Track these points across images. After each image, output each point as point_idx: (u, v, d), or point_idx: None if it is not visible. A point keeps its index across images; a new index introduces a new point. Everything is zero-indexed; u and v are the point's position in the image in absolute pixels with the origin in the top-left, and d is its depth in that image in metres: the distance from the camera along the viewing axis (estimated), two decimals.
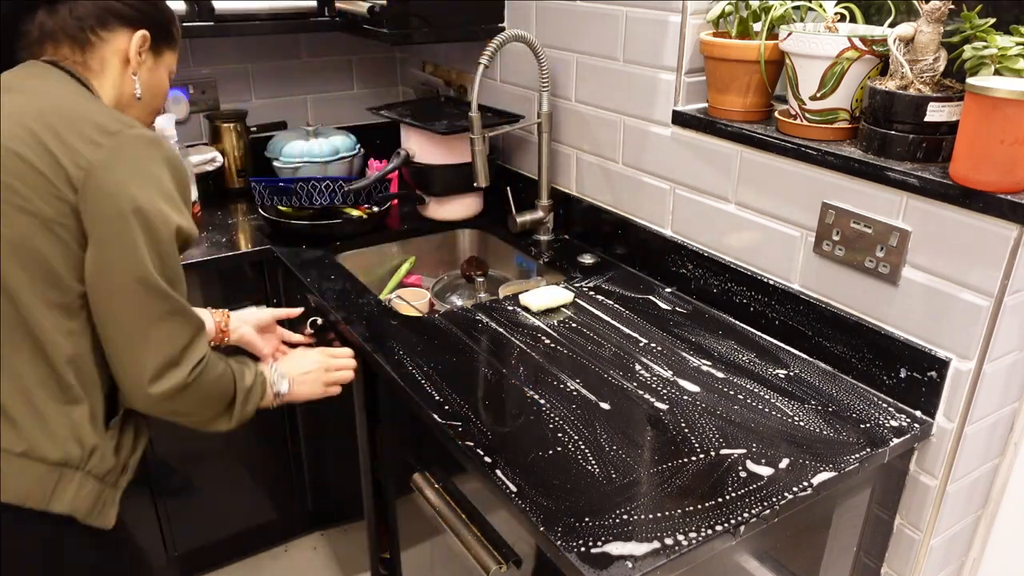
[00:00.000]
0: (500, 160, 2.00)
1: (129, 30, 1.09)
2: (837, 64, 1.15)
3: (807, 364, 1.28)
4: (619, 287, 1.55)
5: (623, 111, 1.57)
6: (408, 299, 1.65)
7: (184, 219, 1.05)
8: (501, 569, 1.06)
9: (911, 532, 1.19)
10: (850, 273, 1.21)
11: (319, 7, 1.91)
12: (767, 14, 1.25)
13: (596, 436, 1.08)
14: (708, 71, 1.36)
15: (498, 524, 1.09)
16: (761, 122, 1.33)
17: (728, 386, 1.21)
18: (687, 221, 1.49)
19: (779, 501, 0.96)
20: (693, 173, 1.44)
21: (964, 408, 1.10)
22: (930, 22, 1.06)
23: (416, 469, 1.29)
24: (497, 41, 1.55)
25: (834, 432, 1.10)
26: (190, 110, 2.08)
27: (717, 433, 1.09)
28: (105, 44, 1.08)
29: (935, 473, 1.14)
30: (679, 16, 1.38)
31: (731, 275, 1.40)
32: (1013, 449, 1.21)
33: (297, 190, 1.80)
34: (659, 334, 1.37)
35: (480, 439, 1.07)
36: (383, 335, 1.36)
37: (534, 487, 0.98)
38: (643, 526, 0.92)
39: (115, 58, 1.09)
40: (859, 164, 1.14)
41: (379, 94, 2.36)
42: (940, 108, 1.06)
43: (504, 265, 1.88)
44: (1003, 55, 1.00)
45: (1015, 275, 1.01)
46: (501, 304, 1.48)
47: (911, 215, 1.11)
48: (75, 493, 1.02)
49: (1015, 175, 0.98)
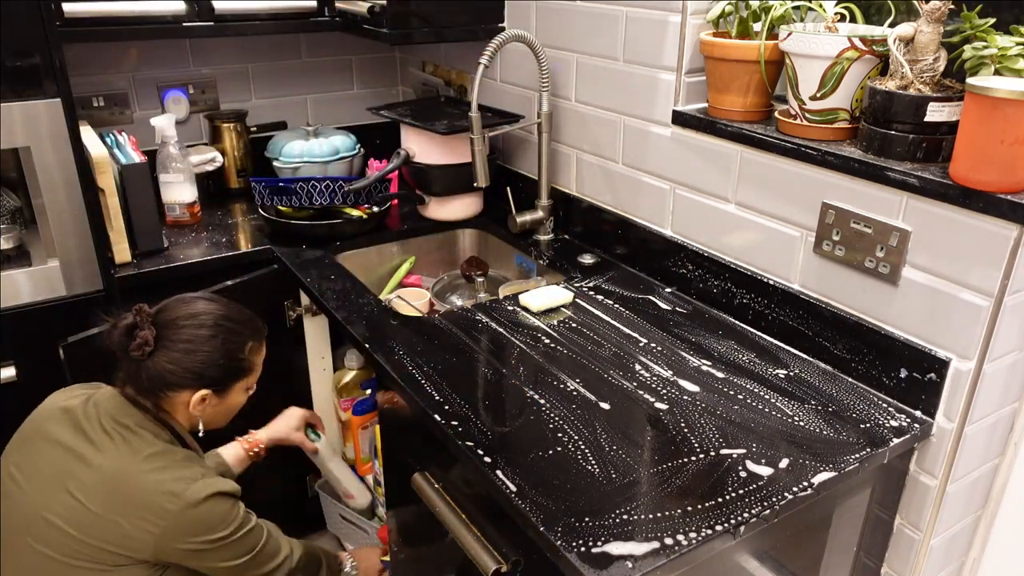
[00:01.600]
0: (500, 160, 2.00)
1: (188, 391, 1.22)
2: (837, 64, 1.15)
3: (807, 364, 1.28)
4: (619, 287, 1.55)
5: (623, 111, 1.57)
6: (408, 299, 1.65)
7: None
8: (501, 569, 1.06)
9: (911, 532, 1.19)
10: (850, 273, 1.21)
11: (319, 7, 1.91)
12: (767, 14, 1.25)
13: (596, 436, 1.08)
14: (708, 71, 1.36)
15: (498, 524, 1.09)
16: (761, 122, 1.33)
17: (728, 386, 1.21)
18: (687, 221, 1.49)
19: (779, 501, 0.96)
20: (693, 173, 1.44)
21: (964, 408, 1.10)
22: (930, 22, 1.06)
23: (416, 469, 1.29)
24: (497, 41, 1.54)
25: (834, 432, 1.10)
26: (190, 110, 2.08)
27: (717, 433, 1.09)
28: (172, 400, 1.23)
29: (935, 473, 1.14)
30: (679, 16, 1.38)
31: (731, 275, 1.40)
32: (1013, 449, 1.21)
33: (297, 190, 1.80)
34: (659, 334, 1.37)
35: (480, 439, 1.07)
36: (383, 335, 1.36)
37: (534, 487, 0.98)
38: (643, 526, 0.92)
39: (182, 407, 1.24)
40: (859, 164, 1.14)
41: (379, 94, 2.36)
42: (940, 108, 1.06)
43: (504, 265, 1.88)
44: (1003, 55, 1.00)
45: (1015, 275, 1.01)
46: (501, 304, 1.48)
47: (911, 215, 1.11)
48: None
49: (1015, 175, 0.98)
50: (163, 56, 2.00)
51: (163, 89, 2.02)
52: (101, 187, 1.54)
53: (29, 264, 1.54)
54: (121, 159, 1.61)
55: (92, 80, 1.92)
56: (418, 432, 1.28)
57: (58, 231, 1.51)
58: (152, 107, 2.02)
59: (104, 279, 1.58)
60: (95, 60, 1.91)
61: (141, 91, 2.00)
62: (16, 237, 1.61)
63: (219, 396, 1.26)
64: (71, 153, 1.48)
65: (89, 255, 1.55)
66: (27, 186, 1.49)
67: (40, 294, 1.54)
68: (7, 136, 1.42)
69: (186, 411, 1.24)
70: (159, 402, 1.22)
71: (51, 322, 1.55)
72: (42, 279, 1.53)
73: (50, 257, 1.54)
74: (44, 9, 1.40)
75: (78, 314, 1.57)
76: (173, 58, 2.02)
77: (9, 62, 1.39)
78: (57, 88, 1.44)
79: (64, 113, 1.45)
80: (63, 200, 1.50)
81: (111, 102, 1.96)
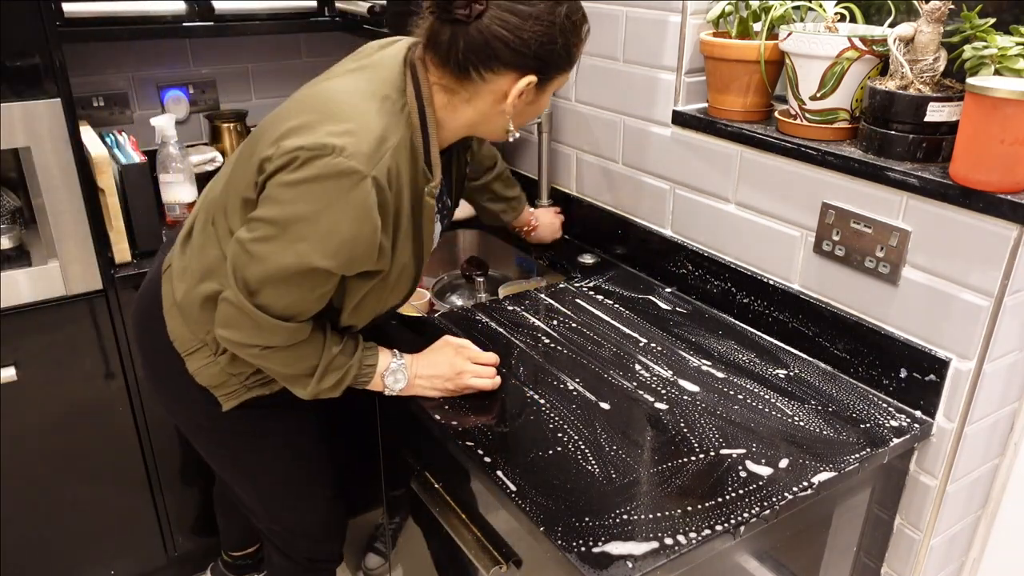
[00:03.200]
0: None
1: (516, 74, 1.00)
2: (837, 64, 1.15)
3: (807, 364, 1.28)
4: (619, 287, 1.55)
5: (623, 111, 1.57)
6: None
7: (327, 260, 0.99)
8: (501, 569, 1.06)
9: (911, 532, 1.19)
10: (850, 273, 1.21)
11: (319, 7, 1.91)
12: (767, 14, 1.25)
13: (596, 436, 1.08)
14: (708, 71, 1.36)
15: (498, 524, 1.09)
16: (761, 122, 1.33)
17: (728, 386, 1.21)
18: (687, 221, 1.49)
19: (779, 501, 0.96)
20: (693, 173, 1.44)
21: (964, 408, 1.10)
22: (930, 22, 1.06)
23: (416, 469, 1.29)
24: None
25: (834, 432, 1.10)
26: (190, 110, 2.08)
27: (717, 433, 1.09)
28: (485, 84, 1.01)
29: (935, 473, 1.14)
30: (679, 16, 1.38)
31: (731, 275, 1.40)
32: (1013, 449, 1.21)
33: None
34: (659, 334, 1.37)
35: (480, 439, 1.07)
36: (383, 335, 1.36)
37: (534, 487, 0.98)
38: (643, 526, 0.92)
39: (490, 96, 1.03)
40: (859, 164, 1.14)
41: None
42: (940, 108, 1.06)
43: (504, 265, 1.87)
44: (1003, 55, 0.99)
45: (1015, 275, 1.01)
46: (501, 304, 1.48)
47: (911, 215, 1.11)
48: (204, 367, 1.15)
49: (1015, 175, 0.98)
50: (163, 56, 2.00)
51: (163, 89, 2.02)
52: (101, 187, 1.54)
53: (29, 264, 1.54)
54: (121, 159, 1.61)
55: (92, 80, 1.92)
56: (418, 432, 1.28)
57: (58, 231, 1.51)
58: (152, 107, 2.02)
59: (104, 279, 1.58)
60: (95, 60, 1.91)
61: (141, 91, 2.00)
62: (16, 237, 1.61)
63: (538, 89, 1.04)
64: (71, 153, 1.48)
65: (89, 255, 1.55)
66: (27, 186, 1.49)
67: (40, 294, 1.53)
68: (7, 136, 1.42)
69: (492, 103, 1.02)
70: (460, 84, 1.01)
71: (51, 322, 1.55)
72: (42, 279, 1.53)
73: (50, 257, 1.54)
74: (44, 9, 1.40)
75: (78, 314, 1.57)
76: (173, 58, 2.02)
77: (9, 62, 1.39)
78: (57, 88, 1.44)
79: (64, 113, 1.45)
80: (63, 200, 1.50)
81: (111, 102, 1.96)
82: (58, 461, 1.65)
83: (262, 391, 1.18)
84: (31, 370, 1.56)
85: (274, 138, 0.99)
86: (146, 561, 1.85)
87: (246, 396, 1.18)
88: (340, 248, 0.97)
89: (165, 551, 1.87)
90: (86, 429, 1.65)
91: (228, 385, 1.17)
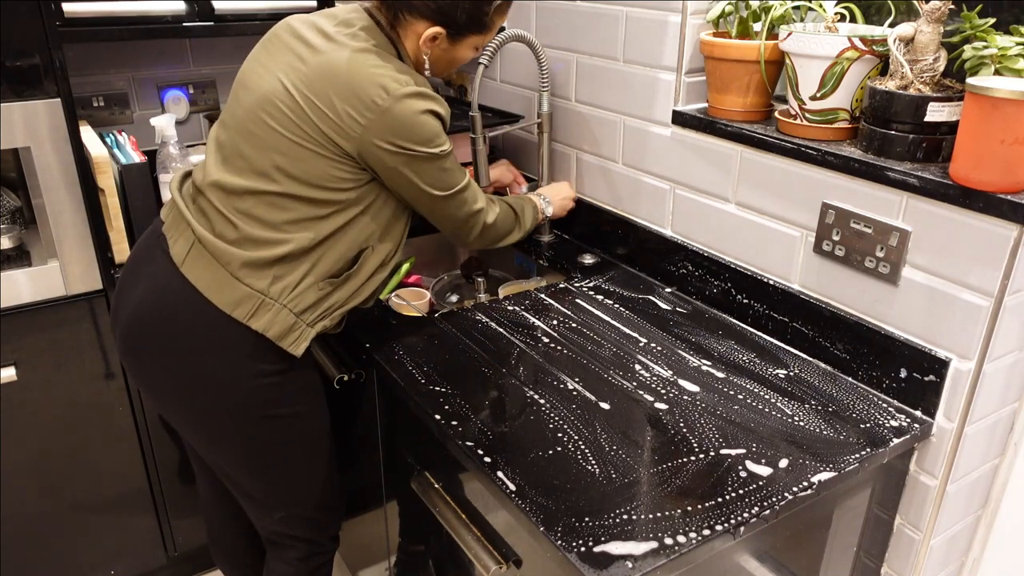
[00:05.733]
0: None
1: (427, 22, 1.21)
2: (837, 64, 1.15)
3: (807, 364, 1.28)
4: (619, 287, 1.55)
5: (623, 111, 1.57)
6: (408, 299, 1.65)
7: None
8: (501, 569, 1.06)
9: (911, 532, 1.19)
10: (850, 273, 1.21)
11: (319, 7, 1.91)
12: (767, 14, 1.25)
13: (596, 436, 1.08)
14: (708, 71, 1.36)
15: (498, 524, 1.09)
16: (761, 122, 1.33)
17: (728, 386, 1.21)
18: (687, 221, 1.49)
19: (779, 501, 0.96)
20: (693, 173, 1.44)
21: (964, 408, 1.10)
22: (930, 22, 1.06)
23: (416, 469, 1.29)
24: (497, 41, 1.54)
25: (834, 432, 1.10)
26: (190, 110, 2.08)
27: (717, 433, 1.09)
28: (409, 25, 1.22)
29: (935, 473, 1.14)
30: (679, 16, 1.38)
31: (731, 275, 1.40)
32: (1013, 449, 1.21)
33: None
34: (659, 334, 1.37)
35: (480, 439, 1.07)
36: (383, 335, 1.36)
37: (534, 487, 0.98)
38: (643, 526, 0.92)
39: (414, 36, 1.23)
40: (859, 164, 1.14)
41: None
42: (940, 108, 1.06)
43: (504, 265, 1.88)
44: (1003, 55, 1.00)
45: (1015, 275, 1.01)
46: (501, 304, 1.48)
47: (911, 215, 1.11)
48: (273, 318, 1.18)
49: (1015, 175, 0.98)
50: (163, 56, 2.00)
51: (163, 89, 2.02)
52: (101, 187, 1.54)
53: (29, 264, 1.54)
54: (121, 159, 1.61)
55: (92, 80, 1.92)
56: (418, 432, 1.28)
57: (58, 231, 1.51)
58: (152, 107, 2.02)
59: (104, 279, 1.58)
60: (95, 60, 1.91)
61: (141, 91, 2.00)
62: (16, 237, 1.61)
63: (450, 41, 1.25)
64: (71, 153, 1.48)
65: (89, 255, 1.55)
66: (27, 186, 1.49)
67: (40, 294, 1.54)
68: (7, 136, 1.42)
69: (415, 44, 1.24)
70: (394, 22, 1.23)
71: (51, 322, 1.55)
72: (42, 279, 1.53)
73: (50, 257, 1.54)
74: (44, 9, 1.40)
75: (78, 314, 1.57)
76: (173, 58, 2.02)
77: (9, 62, 1.39)
78: (57, 88, 1.44)
79: (64, 113, 1.45)
80: (63, 200, 1.50)
81: (111, 102, 1.96)
82: (58, 461, 1.65)
83: (324, 324, 1.24)
84: (31, 370, 1.56)
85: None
86: (146, 561, 1.85)
87: (311, 334, 1.22)
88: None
89: (165, 551, 1.87)
90: (86, 429, 1.65)
91: (295, 328, 1.20)
